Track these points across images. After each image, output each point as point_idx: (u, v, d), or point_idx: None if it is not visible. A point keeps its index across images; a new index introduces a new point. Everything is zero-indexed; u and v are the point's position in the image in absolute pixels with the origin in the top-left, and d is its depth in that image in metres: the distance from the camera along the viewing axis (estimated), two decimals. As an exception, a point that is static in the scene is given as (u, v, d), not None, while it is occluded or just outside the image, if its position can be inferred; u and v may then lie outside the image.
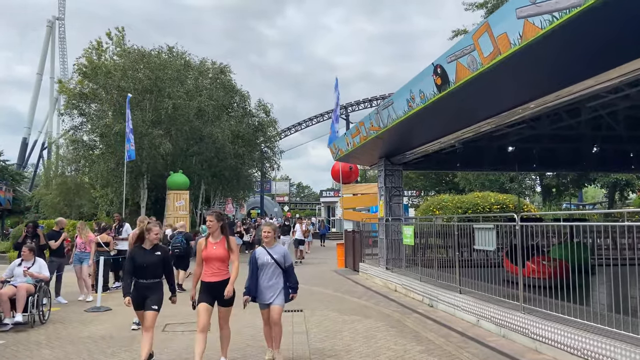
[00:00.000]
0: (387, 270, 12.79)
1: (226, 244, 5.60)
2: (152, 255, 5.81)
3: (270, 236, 5.87)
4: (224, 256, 5.56)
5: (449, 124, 9.20)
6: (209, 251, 5.56)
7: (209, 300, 5.51)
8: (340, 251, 18.21)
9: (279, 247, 5.92)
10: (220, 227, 5.64)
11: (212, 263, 5.55)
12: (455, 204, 19.72)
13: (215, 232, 5.62)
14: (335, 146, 15.26)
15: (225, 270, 5.61)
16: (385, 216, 13.17)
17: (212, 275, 5.54)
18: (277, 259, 5.77)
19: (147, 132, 21.51)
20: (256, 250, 5.99)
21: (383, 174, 13.38)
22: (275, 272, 5.77)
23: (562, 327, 5.84)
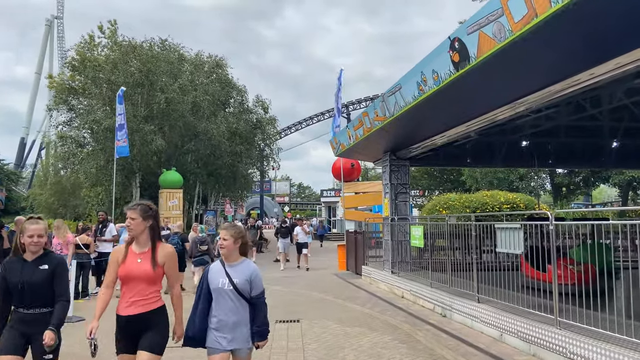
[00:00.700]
0: (392, 274, 11.78)
1: (152, 258, 3.65)
2: (34, 270, 3.68)
3: (230, 246, 3.71)
4: (152, 275, 3.63)
5: (464, 110, 8.18)
6: (128, 266, 3.62)
7: (129, 347, 3.63)
8: (341, 253, 17.20)
9: (244, 266, 3.76)
10: (148, 228, 3.69)
11: (134, 285, 3.61)
12: (463, 203, 18.76)
13: (141, 237, 3.68)
14: (336, 140, 14.25)
15: (154, 296, 3.67)
16: (391, 215, 12.16)
17: (132, 305, 3.59)
18: (237, 284, 3.64)
19: (138, 127, 20.52)
20: (210, 267, 3.87)
21: (388, 170, 12.37)
22: (236, 305, 3.66)
23: (610, 347, 4.82)
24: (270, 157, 31.11)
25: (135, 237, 3.69)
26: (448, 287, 8.61)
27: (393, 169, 12.34)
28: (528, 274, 8.92)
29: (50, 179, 43.08)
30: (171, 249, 3.83)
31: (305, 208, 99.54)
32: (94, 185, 22.99)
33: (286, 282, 13.60)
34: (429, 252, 9.73)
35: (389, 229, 12.19)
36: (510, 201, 18.82)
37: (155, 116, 21.42)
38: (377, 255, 14.21)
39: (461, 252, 8.53)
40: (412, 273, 10.93)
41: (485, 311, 7.17)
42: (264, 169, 32.31)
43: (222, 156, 25.01)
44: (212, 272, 3.79)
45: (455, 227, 8.55)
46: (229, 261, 3.76)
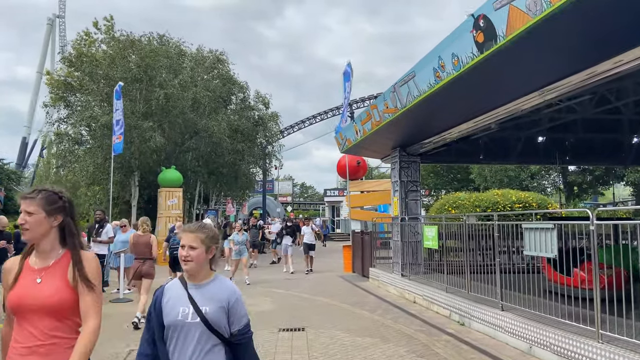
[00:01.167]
0: (403, 277, 11.10)
1: (70, 274, 2.28)
2: None
3: (200, 258, 2.44)
4: (59, 303, 2.24)
5: (487, 98, 7.51)
6: (21, 291, 2.24)
7: None
8: (347, 254, 16.53)
9: (218, 286, 2.49)
10: (57, 229, 2.35)
11: (29, 320, 2.23)
12: (473, 202, 18.07)
13: (43, 243, 2.33)
14: (342, 136, 13.58)
15: (67, 339, 2.26)
16: (401, 215, 11.48)
17: (28, 353, 2.19)
18: (208, 314, 2.39)
19: (136, 124, 19.88)
20: (164, 287, 2.53)
21: (397, 167, 11.69)
22: (205, 345, 2.38)
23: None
24: (272, 154, 30.44)
25: (33, 242, 2.33)
26: (466, 292, 7.93)
27: (403, 165, 11.67)
28: (551, 278, 8.24)
29: (50, 178, 42.61)
30: (94, 262, 2.35)
31: (308, 208, 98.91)
32: (91, 184, 22.39)
33: (288, 285, 12.95)
34: (444, 254, 9.05)
35: (398, 229, 11.52)
36: (522, 200, 18.14)
37: (154, 113, 20.79)
38: (384, 257, 13.55)
39: (481, 255, 7.84)
40: (425, 276, 10.25)
41: (511, 320, 6.50)
42: (266, 167, 31.56)
43: (223, 154, 24.38)
44: (167, 297, 2.43)
45: (474, 227, 7.87)
46: (196, 280, 2.46)
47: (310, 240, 16.08)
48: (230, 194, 32.49)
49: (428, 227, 9.49)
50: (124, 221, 12.40)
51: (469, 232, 7.99)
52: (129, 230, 12.25)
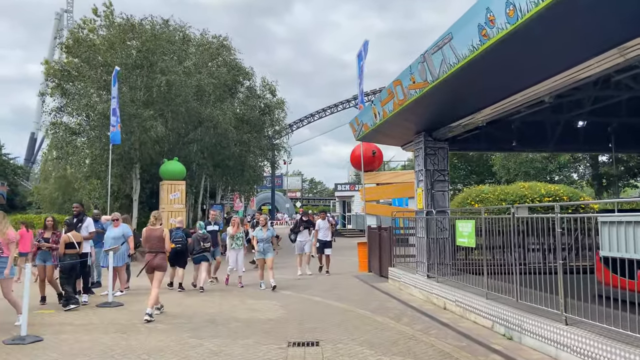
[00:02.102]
0: (429, 279, 9.79)
1: None
2: None
3: None
4: None
5: (546, 61, 6.13)
6: None
7: None
8: (362, 252, 15.25)
9: None
10: None
11: None
12: (498, 195, 16.75)
13: None
14: (358, 121, 12.27)
15: None
16: (426, 208, 10.15)
17: None
18: None
19: (136, 113, 18.71)
20: None
21: (422, 154, 10.36)
22: None
23: None
24: (280, 146, 29.15)
25: None
26: (515, 300, 6.60)
27: (428, 152, 10.33)
28: (606, 281, 6.91)
29: (55, 173, 41.77)
30: None
31: (317, 204, 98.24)
32: (89, 177, 21.27)
33: (299, 287, 11.70)
34: (483, 252, 7.72)
35: (423, 225, 10.20)
36: (551, 193, 16.83)
37: (155, 101, 19.59)
38: (403, 255, 12.23)
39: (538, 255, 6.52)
40: (456, 278, 8.92)
41: (580, 338, 5.17)
42: (274, 159, 30.22)
43: (228, 146, 23.16)
44: None
45: (527, 222, 6.52)
46: None
47: (325, 236, 14.16)
48: (237, 189, 31.35)
49: (463, 222, 8.16)
50: (116, 215, 11.23)
51: (517, 227, 6.65)
52: (121, 225, 11.06)
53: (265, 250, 11.58)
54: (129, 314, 8.44)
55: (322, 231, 14.10)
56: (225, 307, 9.14)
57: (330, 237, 14.30)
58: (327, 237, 14.16)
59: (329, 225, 14.36)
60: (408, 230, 12.31)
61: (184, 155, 22.03)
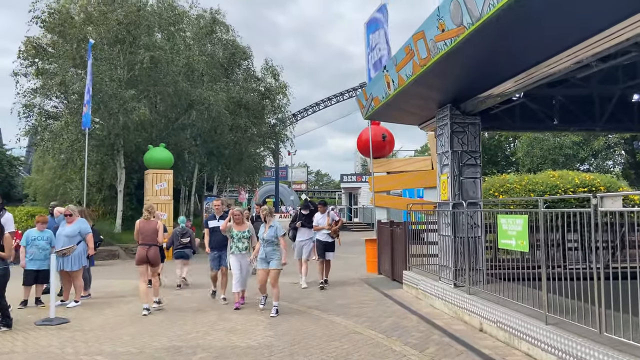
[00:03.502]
0: (457, 288, 7.81)
1: None
2: None
3: None
4: None
5: None
6: None
7: None
8: (370, 250, 13.28)
9: None
10: None
11: None
12: (525, 186, 14.74)
13: None
14: (367, 95, 10.23)
15: None
16: (453, 199, 8.13)
17: None
18: None
19: (116, 93, 16.74)
20: None
21: (447, 131, 8.31)
22: None
23: None
24: (282, 134, 27.03)
25: None
26: (596, 331, 4.57)
27: (456, 129, 8.28)
28: None
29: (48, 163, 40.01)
30: None
31: (323, 196, 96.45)
32: (65, 165, 19.36)
33: (295, 296, 9.75)
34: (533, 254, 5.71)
35: (448, 220, 8.18)
36: (586, 183, 14.76)
37: (138, 79, 17.61)
38: (420, 254, 10.23)
39: None
40: (496, 289, 6.89)
41: None
42: (278, 148, 28.05)
43: (224, 132, 21.19)
44: None
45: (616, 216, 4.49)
46: None
47: (325, 236, 10.78)
48: (236, 179, 29.36)
49: (508, 218, 6.12)
50: (70, 208, 9.27)
51: (604, 222, 4.62)
52: (78, 220, 9.13)
53: (268, 257, 8.01)
54: (68, 339, 6.51)
55: (320, 231, 10.80)
56: (196, 326, 7.20)
57: (329, 238, 10.78)
58: (329, 237, 10.77)
59: (330, 220, 10.82)
60: (427, 226, 10.29)
61: (174, 142, 20.13)
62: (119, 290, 10.69)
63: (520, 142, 21.36)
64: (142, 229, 8.24)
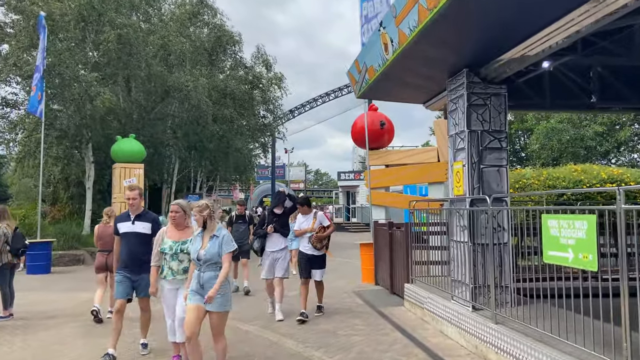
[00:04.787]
0: (476, 312, 5.87)
1: None
2: None
3: None
4: None
5: None
6: None
7: None
8: (365, 256, 11.37)
9: None
10: None
11: None
12: (544, 181, 12.84)
13: None
14: (359, 66, 8.30)
15: None
16: (470, 194, 6.20)
17: None
18: None
19: (77, 76, 14.79)
20: None
21: (463, 104, 6.37)
22: None
23: None
24: (273, 127, 25.01)
25: None
26: None
27: (474, 101, 6.34)
28: None
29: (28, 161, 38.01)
30: None
31: (322, 195, 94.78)
32: (22, 159, 17.39)
33: (266, 316, 7.78)
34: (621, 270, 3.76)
35: (465, 222, 6.25)
36: (614, 178, 12.88)
37: (103, 61, 15.66)
38: (425, 262, 8.27)
39: None
40: (531, 314, 4.93)
41: None
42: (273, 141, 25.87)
43: (207, 123, 19.25)
44: None
45: None
46: None
47: (308, 248, 7.63)
48: (224, 177, 27.42)
49: (562, 220, 4.17)
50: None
51: None
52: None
53: (206, 288, 4.64)
54: None
55: (304, 238, 7.64)
56: None
57: (314, 250, 7.57)
58: (312, 249, 7.57)
59: (317, 225, 7.55)
60: (430, 226, 8.34)
61: (151, 134, 18.22)
62: (59, 308, 8.72)
63: (535, 133, 19.42)
64: (101, 234, 7.85)
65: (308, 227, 7.64)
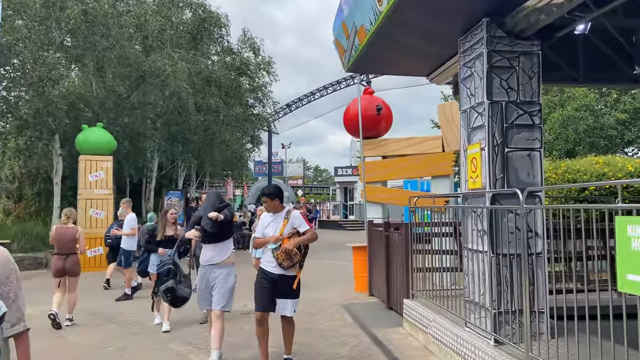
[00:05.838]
0: (499, 347, 4.28)
1: None
2: None
3: None
4: None
5: None
6: None
7: None
8: (359, 262, 9.81)
9: None
10: None
11: None
12: (562, 175, 11.25)
13: None
14: (347, 30, 6.71)
15: None
16: (491, 187, 4.62)
17: None
18: None
19: (37, 57, 13.20)
20: None
21: (482, 66, 4.77)
22: None
23: None
24: (262, 117, 23.38)
25: None
26: None
27: (497, 62, 4.74)
28: None
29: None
30: None
31: (321, 192, 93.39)
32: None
33: (233, 341, 6.18)
34: None
35: (483, 225, 4.67)
36: (643, 170, 11.31)
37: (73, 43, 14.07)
38: (430, 269, 6.66)
39: None
40: (579, 351, 3.35)
41: None
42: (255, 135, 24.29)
43: (190, 112, 17.66)
44: None
45: None
46: None
47: (273, 265, 4.94)
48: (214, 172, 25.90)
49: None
50: None
51: None
52: None
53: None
54: None
55: (267, 250, 5.04)
56: None
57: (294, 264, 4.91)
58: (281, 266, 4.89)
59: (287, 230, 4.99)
60: (436, 227, 6.74)
61: (126, 125, 16.64)
62: None
63: (549, 122, 17.83)
64: (59, 236, 7.57)
65: (275, 232, 4.98)
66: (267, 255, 5.05)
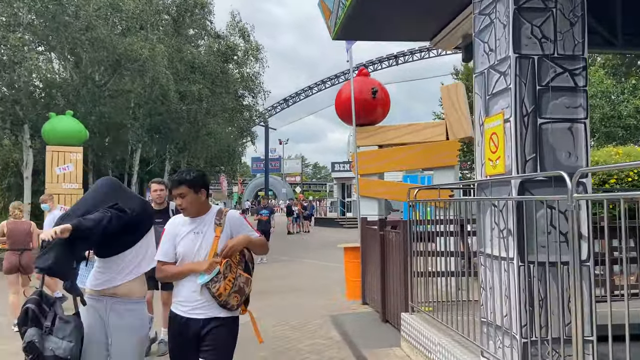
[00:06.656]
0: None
1: None
2: None
3: None
4: None
5: None
6: None
7: None
8: (350, 265, 8.62)
9: None
10: None
11: None
12: (579, 167, 9.90)
13: None
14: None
15: None
16: (517, 171, 3.40)
17: None
18: None
19: (2, 38, 12.00)
20: None
21: (507, 9, 3.54)
22: None
23: None
24: (252, 108, 22.14)
25: None
26: None
27: (526, 3, 3.51)
28: None
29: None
30: None
31: (319, 189, 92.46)
32: None
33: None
34: None
35: (505, 222, 3.46)
36: (668, 163, 10.13)
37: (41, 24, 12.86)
38: (433, 272, 5.45)
39: None
40: None
41: None
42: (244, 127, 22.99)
43: (172, 102, 16.45)
44: None
45: None
46: None
47: (197, 304, 2.85)
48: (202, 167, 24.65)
49: None
50: None
51: None
52: None
53: None
54: None
55: (191, 283, 2.87)
56: None
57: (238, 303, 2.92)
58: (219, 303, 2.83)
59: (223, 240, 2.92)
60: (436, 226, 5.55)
61: (103, 114, 15.42)
62: None
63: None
64: (11, 231, 7.31)
65: (202, 251, 2.91)
66: (189, 291, 2.89)
